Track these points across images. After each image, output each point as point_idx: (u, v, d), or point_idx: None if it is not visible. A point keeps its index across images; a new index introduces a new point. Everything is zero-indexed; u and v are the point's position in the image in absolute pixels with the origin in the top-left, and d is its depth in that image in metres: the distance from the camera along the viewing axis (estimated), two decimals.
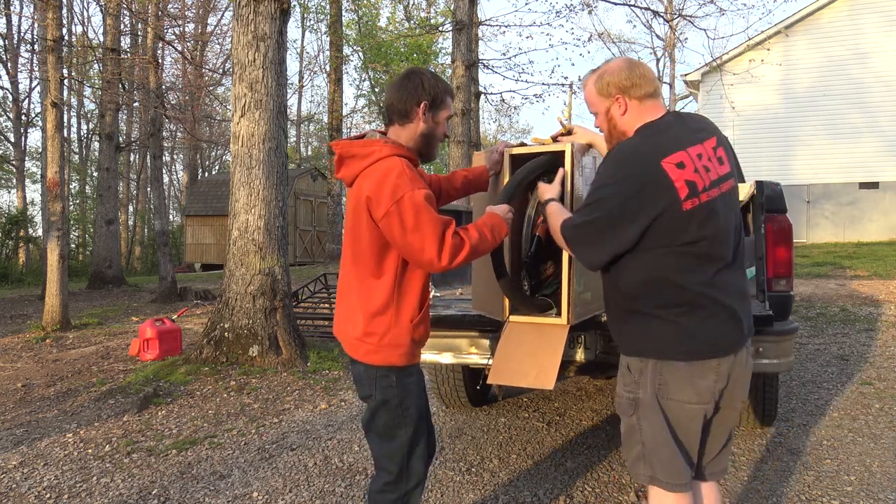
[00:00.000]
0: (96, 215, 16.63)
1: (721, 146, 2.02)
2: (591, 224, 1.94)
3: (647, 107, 2.01)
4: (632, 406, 2.01)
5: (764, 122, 18.06)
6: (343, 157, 2.20)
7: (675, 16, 15.44)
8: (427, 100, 2.22)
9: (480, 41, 16.28)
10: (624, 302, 2.02)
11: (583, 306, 2.74)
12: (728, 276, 1.95)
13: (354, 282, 2.24)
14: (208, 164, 36.99)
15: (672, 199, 1.86)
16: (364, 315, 2.19)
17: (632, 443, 2.03)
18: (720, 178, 1.95)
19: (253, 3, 6.28)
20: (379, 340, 2.18)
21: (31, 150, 27.94)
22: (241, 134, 6.33)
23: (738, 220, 2.02)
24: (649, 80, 2.02)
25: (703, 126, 2.04)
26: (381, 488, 2.26)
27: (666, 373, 1.94)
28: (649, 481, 2.00)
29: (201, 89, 16.35)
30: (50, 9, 9.21)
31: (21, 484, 3.67)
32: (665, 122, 1.99)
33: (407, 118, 2.23)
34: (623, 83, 2.01)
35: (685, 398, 1.94)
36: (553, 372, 2.50)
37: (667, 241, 1.89)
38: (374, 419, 2.25)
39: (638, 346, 2.00)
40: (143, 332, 6.87)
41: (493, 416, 4.53)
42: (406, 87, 2.23)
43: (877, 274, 11.15)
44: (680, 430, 1.97)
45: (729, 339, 1.96)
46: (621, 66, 2.04)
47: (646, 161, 1.88)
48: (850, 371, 5.42)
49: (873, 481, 3.27)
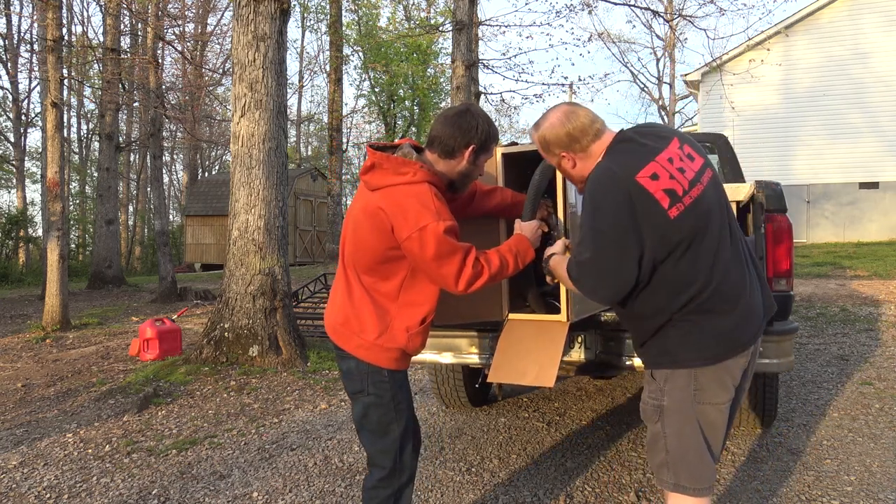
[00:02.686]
0: (96, 215, 16.63)
1: (685, 143, 2.01)
2: (596, 256, 1.90)
3: (596, 148, 2.00)
4: (657, 413, 2.02)
5: (764, 122, 18.06)
6: (377, 165, 2.19)
7: (675, 16, 15.45)
8: (476, 144, 2.22)
9: (480, 41, 16.27)
10: (640, 322, 2.03)
11: (583, 304, 2.74)
12: (733, 267, 1.96)
13: (354, 279, 2.25)
14: (208, 164, 37.00)
15: (657, 211, 1.86)
16: (364, 312, 2.20)
17: (657, 449, 2.03)
18: (697, 173, 1.95)
19: (253, 3, 6.28)
20: (375, 339, 2.19)
21: (31, 150, 27.96)
22: (241, 134, 6.33)
23: (725, 206, 2.01)
24: (586, 126, 1.99)
25: (661, 132, 2.03)
26: (375, 484, 2.27)
27: (701, 378, 1.95)
28: (673, 488, 2.00)
29: (201, 89, 16.34)
30: (50, 9, 9.21)
31: (21, 484, 3.67)
32: (624, 143, 1.97)
33: (451, 156, 2.23)
34: (563, 141, 2.02)
35: (719, 399, 1.96)
36: (553, 370, 2.50)
37: (664, 253, 1.89)
38: (367, 415, 2.26)
39: (664, 358, 2.00)
40: (143, 332, 6.87)
41: (493, 416, 4.53)
42: (460, 126, 2.21)
43: (877, 274, 11.15)
44: (710, 431, 1.98)
45: (747, 331, 1.97)
46: (555, 125, 2.01)
47: (622, 182, 1.87)
48: (850, 371, 5.42)
49: (873, 481, 3.27)
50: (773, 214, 3.16)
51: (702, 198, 1.92)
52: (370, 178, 2.20)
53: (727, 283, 1.93)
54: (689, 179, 1.92)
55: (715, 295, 1.92)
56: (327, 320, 2.33)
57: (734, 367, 1.97)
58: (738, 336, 1.95)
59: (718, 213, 1.96)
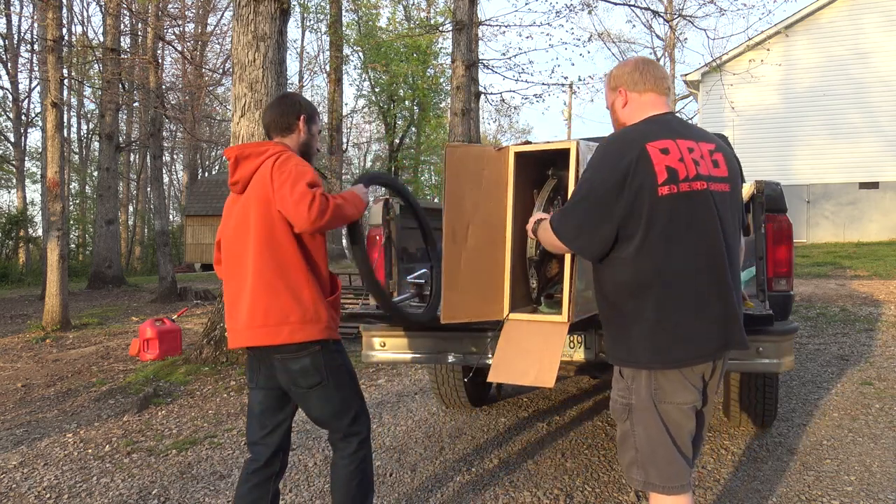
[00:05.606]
0: (96, 215, 16.64)
1: (720, 152, 2.01)
2: (578, 208, 1.96)
3: (648, 101, 2.04)
4: (625, 411, 2.01)
5: (764, 122, 18.06)
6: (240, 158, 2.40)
7: (675, 16, 15.46)
8: (305, 114, 2.49)
9: (480, 41, 16.27)
10: (611, 310, 2.02)
11: (584, 304, 2.74)
12: (715, 280, 1.92)
13: (274, 270, 2.29)
14: (208, 164, 37.01)
15: (649, 181, 1.86)
16: (299, 298, 2.29)
17: (626, 448, 2.03)
18: (711, 176, 1.94)
19: (253, 3, 6.28)
20: (315, 317, 2.29)
21: (31, 150, 27.97)
22: (241, 134, 6.33)
23: (730, 227, 1.98)
24: (654, 77, 2.05)
25: (705, 134, 2.06)
26: (357, 447, 2.44)
27: (661, 378, 1.94)
28: (643, 486, 2.00)
29: (201, 89, 16.35)
30: (50, 9, 9.22)
31: (21, 484, 3.67)
32: (664, 117, 2.01)
33: (290, 131, 2.48)
34: (625, 77, 2.08)
35: (681, 400, 1.95)
36: (553, 370, 2.50)
37: (636, 227, 1.87)
38: (331, 400, 2.37)
39: (626, 356, 1.99)
40: (143, 332, 6.87)
41: (493, 416, 4.53)
42: (284, 105, 2.51)
43: (877, 274, 11.15)
44: (676, 431, 1.96)
45: (713, 342, 1.93)
46: (630, 63, 2.11)
47: (629, 142, 1.92)
48: (850, 371, 5.42)
49: (873, 481, 3.27)
50: (774, 214, 3.16)
51: (701, 195, 1.90)
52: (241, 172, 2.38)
53: (701, 289, 1.90)
54: (698, 172, 1.92)
55: (685, 297, 1.89)
56: (252, 330, 2.32)
57: (699, 370, 1.96)
58: (704, 345, 1.92)
59: (719, 226, 1.93)
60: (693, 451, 2.05)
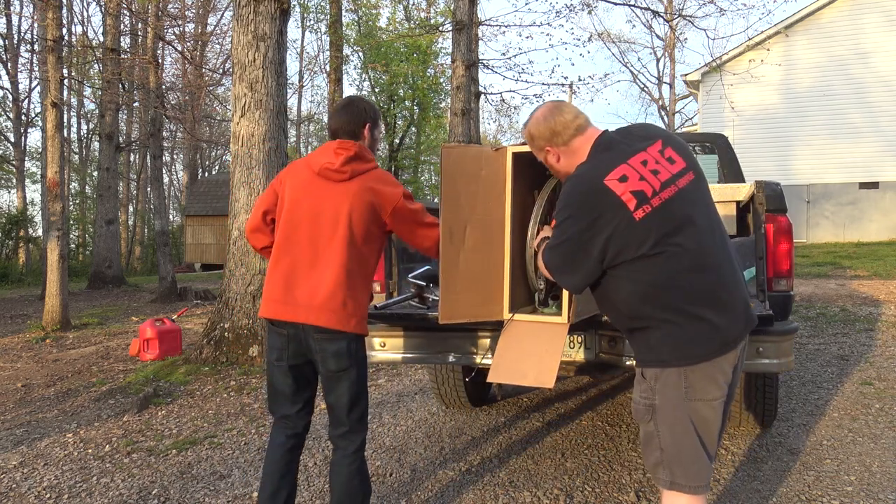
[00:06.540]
0: (96, 215, 16.64)
1: (668, 146, 2.04)
2: (559, 249, 2.04)
3: (577, 145, 2.09)
4: (649, 412, 2.02)
5: (764, 122, 18.06)
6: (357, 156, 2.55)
7: (675, 16, 15.47)
8: (370, 122, 2.62)
9: (480, 41, 16.29)
10: (626, 319, 2.05)
11: (584, 305, 2.74)
12: (718, 267, 1.96)
13: (358, 265, 2.49)
14: (208, 164, 37.01)
15: (622, 213, 1.91)
16: (366, 294, 2.54)
17: (651, 448, 2.04)
18: (673, 176, 1.97)
19: (253, 3, 6.28)
20: (363, 311, 2.52)
21: (31, 150, 27.95)
22: (241, 134, 6.33)
23: (711, 210, 2.04)
24: (568, 122, 2.10)
25: (646, 133, 2.08)
26: (359, 446, 2.55)
27: (691, 375, 1.95)
28: (669, 486, 2.01)
29: (201, 89, 16.35)
30: (50, 9, 9.22)
31: (21, 484, 3.67)
32: (603, 142, 2.05)
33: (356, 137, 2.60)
34: (546, 135, 2.13)
35: (711, 396, 1.97)
36: (553, 371, 2.50)
37: (633, 253, 1.92)
38: (352, 387, 2.50)
39: (652, 356, 2.01)
40: (143, 332, 6.87)
41: (493, 416, 4.53)
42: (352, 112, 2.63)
43: (877, 274, 11.15)
44: (704, 428, 1.98)
45: (734, 329, 1.97)
46: (539, 120, 2.14)
47: (590, 184, 1.97)
48: (850, 371, 5.42)
49: (873, 481, 3.27)
50: (774, 214, 3.16)
51: (675, 199, 1.94)
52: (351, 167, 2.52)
53: (711, 283, 1.94)
54: (661, 181, 1.95)
55: (698, 295, 1.92)
56: (309, 305, 2.45)
57: (724, 363, 1.98)
58: (726, 334, 1.96)
59: (701, 215, 1.97)
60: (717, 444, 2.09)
